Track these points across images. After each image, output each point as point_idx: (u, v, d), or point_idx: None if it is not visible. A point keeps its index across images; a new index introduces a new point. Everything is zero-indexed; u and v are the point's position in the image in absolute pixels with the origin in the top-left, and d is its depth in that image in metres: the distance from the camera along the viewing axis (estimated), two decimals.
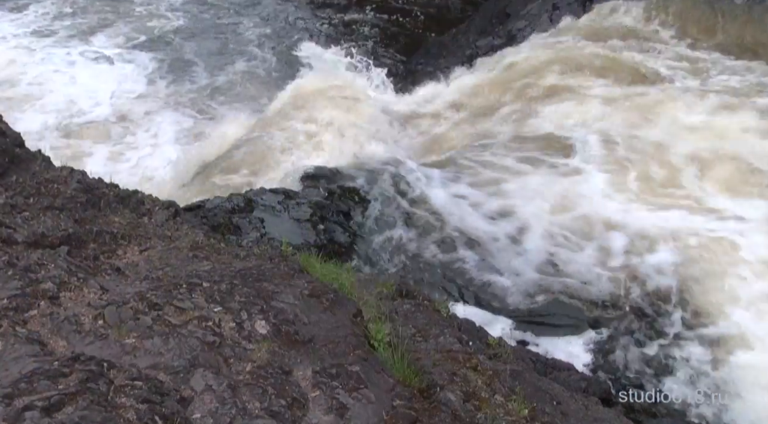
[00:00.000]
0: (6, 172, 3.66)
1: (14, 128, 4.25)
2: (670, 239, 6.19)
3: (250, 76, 14.71)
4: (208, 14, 17.83)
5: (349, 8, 18.45)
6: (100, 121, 12.68)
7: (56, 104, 12.93)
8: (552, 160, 7.26)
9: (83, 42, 15.79)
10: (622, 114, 8.01)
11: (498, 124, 8.15)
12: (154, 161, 11.23)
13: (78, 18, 16.86)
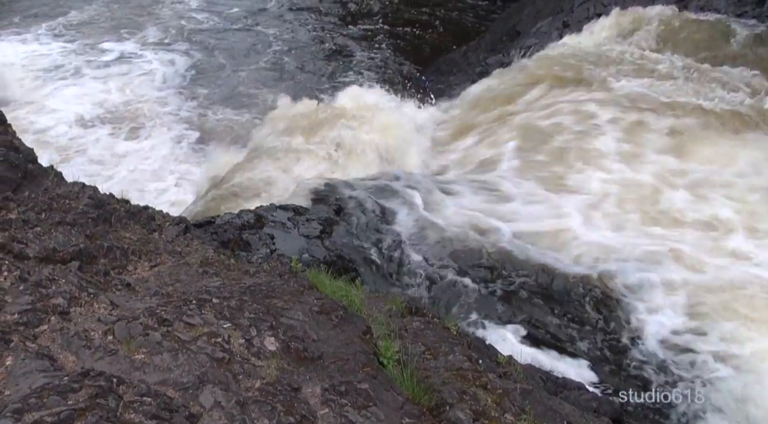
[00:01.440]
0: (19, 188, 3.68)
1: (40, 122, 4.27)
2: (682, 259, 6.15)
3: (260, 86, 15.05)
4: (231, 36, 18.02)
5: (363, 20, 18.74)
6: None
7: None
8: (564, 179, 7.23)
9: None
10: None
11: (506, 142, 8.13)
12: (164, 172, 11.37)
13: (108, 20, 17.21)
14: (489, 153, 8.25)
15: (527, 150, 7.94)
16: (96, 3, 19.70)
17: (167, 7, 19.76)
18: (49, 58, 15.72)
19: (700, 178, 7.17)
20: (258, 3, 20.55)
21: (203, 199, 9.10)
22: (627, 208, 6.83)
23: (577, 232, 6.45)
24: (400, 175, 7.37)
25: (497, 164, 7.76)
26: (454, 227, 6.47)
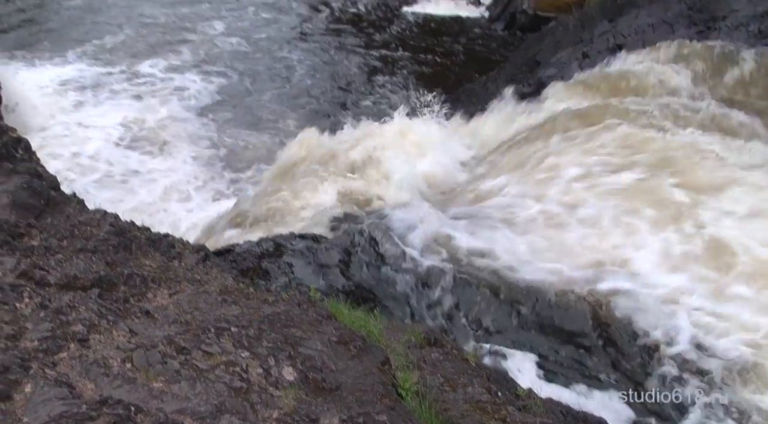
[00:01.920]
0: (42, 215, 3.72)
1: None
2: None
3: (284, 110, 15.42)
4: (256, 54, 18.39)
5: (385, 48, 19.13)
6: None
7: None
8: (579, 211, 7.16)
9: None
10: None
11: (526, 174, 8.10)
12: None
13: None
14: (506, 179, 8.24)
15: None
16: (126, 29, 20.44)
17: (196, 33, 20.44)
18: (79, 81, 16.17)
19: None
20: (283, 30, 21.15)
21: (223, 225, 9.16)
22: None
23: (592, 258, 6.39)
24: (419, 204, 7.38)
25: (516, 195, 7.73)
26: (471, 253, 6.45)
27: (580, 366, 5.45)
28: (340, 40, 20.22)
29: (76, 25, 20.73)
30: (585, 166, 7.69)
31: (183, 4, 23.43)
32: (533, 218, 7.01)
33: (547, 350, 5.56)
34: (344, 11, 23.15)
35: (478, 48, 19.45)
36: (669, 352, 5.39)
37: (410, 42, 19.93)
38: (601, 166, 7.65)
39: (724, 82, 9.39)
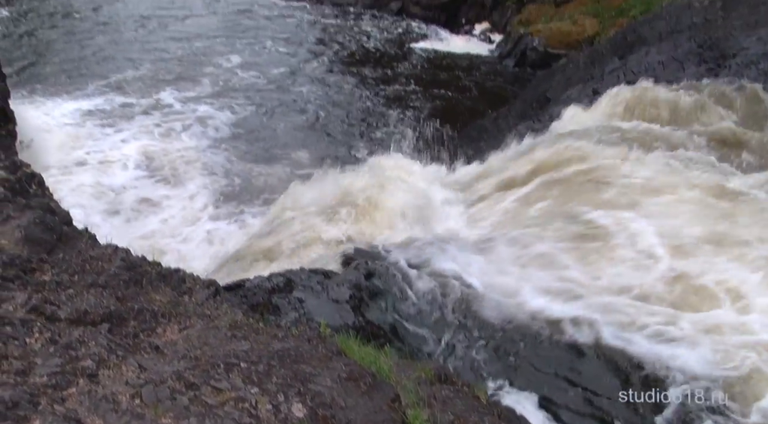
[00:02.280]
0: (54, 250, 3.73)
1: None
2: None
3: (297, 143, 15.57)
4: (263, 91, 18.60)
5: (397, 82, 19.41)
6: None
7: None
8: (594, 246, 7.12)
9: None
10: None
11: (540, 210, 8.09)
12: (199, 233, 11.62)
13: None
14: (519, 215, 8.23)
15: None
16: (145, 63, 21.01)
17: (213, 66, 20.98)
18: (95, 114, 16.56)
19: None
20: (298, 64, 21.63)
21: (234, 259, 9.17)
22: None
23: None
24: (429, 239, 7.36)
25: (529, 229, 7.71)
26: (482, 290, 6.41)
27: (591, 408, 5.37)
28: (353, 74, 20.54)
29: (93, 60, 21.24)
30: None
31: (200, 39, 23.99)
32: (542, 254, 6.97)
33: (558, 389, 5.49)
34: (357, 47, 23.51)
35: (489, 84, 19.62)
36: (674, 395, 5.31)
37: (421, 77, 20.18)
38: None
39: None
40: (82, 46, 23.02)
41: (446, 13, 26.02)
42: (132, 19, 26.76)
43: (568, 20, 20.52)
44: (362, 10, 28.39)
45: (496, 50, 22.60)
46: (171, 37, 24.45)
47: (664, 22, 12.11)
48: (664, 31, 11.86)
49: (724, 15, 11.32)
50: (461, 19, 25.70)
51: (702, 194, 7.71)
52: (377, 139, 15.73)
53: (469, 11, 25.57)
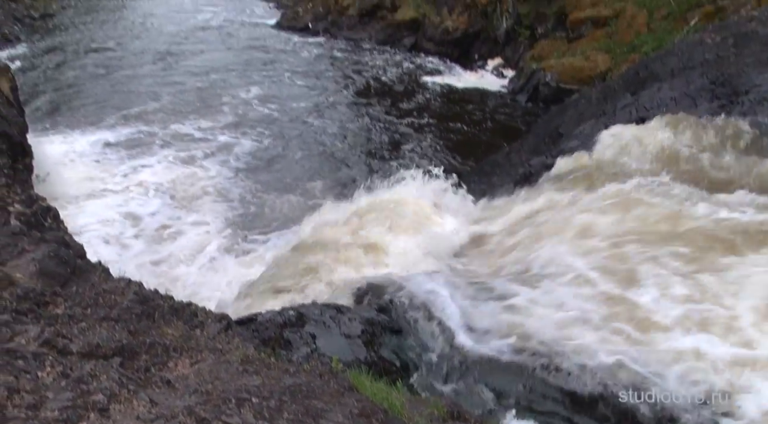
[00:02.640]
0: (67, 283, 3.75)
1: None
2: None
3: (312, 174, 15.78)
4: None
5: (412, 115, 19.64)
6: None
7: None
8: (610, 291, 7.01)
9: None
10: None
11: (554, 249, 8.03)
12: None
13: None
14: (531, 253, 8.18)
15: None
16: (164, 96, 21.39)
17: (231, 98, 21.38)
18: (113, 146, 16.89)
19: None
20: (315, 96, 22.01)
21: (246, 291, 9.17)
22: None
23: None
24: (441, 274, 7.35)
25: (542, 268, 7.66)
26: (495, 327, 6.36)
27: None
28: (368, 107, 20.78)
29: (111, 94, 21.66)
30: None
31: (217, 72, 24.41)
32: (551, 291, 6.91)
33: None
34: (372, 80, 23.77)
35: (501, 118, 19.72)
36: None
37: (435, 111, 20.34)
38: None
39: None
40: (100, 80, 23.42)
41: (459, 48, 26.22)
42: (149, 54, 27.17)
43: (581, 56, 20.63)
44: (376, 45, 28.68)
45: (508, 85, 22.72)
46: (188, 70, 24.84)
47: (676, 59, 12.15)
48: (677, 68, 11.89)
49: (736, 52, 11.34)
50: (474, 54, 25.89)
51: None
52: (390, 170, 15.79)
53: (481, 47, 25.76)
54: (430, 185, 11.27)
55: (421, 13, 28.20)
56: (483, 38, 25.72)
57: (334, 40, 29.99)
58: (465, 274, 7.97)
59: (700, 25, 17.83)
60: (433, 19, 27.51)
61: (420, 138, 18.04)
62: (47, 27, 32.41)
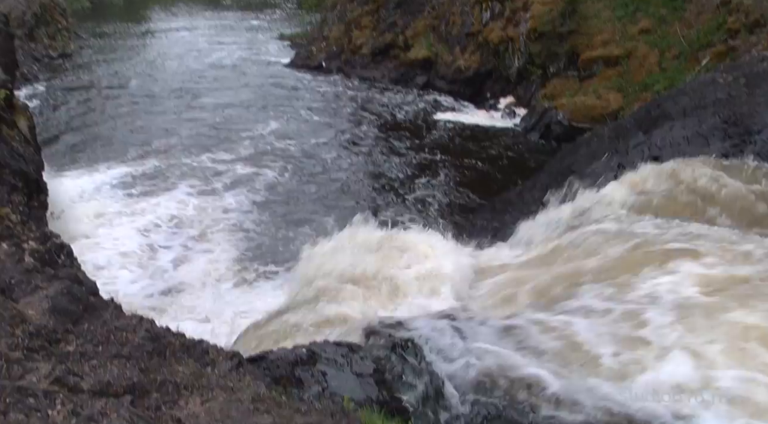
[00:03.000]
0: (79, 320, 3.76)
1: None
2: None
3: (324, 210, 15.98)
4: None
5: (427, 151, 19.83)
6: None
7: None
8: (622, 332, 6.92)
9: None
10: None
11: (566, 289, 7.99)
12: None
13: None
14: (544, 292, 8.13)
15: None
16: (179, 133, 21.78)
17: (247, 132, 21.82)
18: (128, 181, 17.24)
19: None
20: (327, 132, 22.31)
21: (256, 328, 9.15)
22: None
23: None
24: (454, 315, 7.30)
25: (556, 307, 7.60)
26: (505, 365, 6.30)
27: None
28: (382, 143, 21.01)
29: (128, 131, 22.09)
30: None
31: (233, 108, 24.89)
32: (566, 335, 6.83)
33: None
34: (385, 118, 24.04)
35: (513, 156, 19.78)
36: None
37: (447, 148, 20.48)
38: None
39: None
40: (116, 117, 23.76)
41: (471, 87, 26.40)
42: (166, 92, 27.57)
43: (592, 94, 20.72)
44: (389, 84, 28.93)
45: (520, 123, 22.80)
46: (204, 107, 25.23)
47: (688, 98, 12.17)
48: (689, 107, 11.90)
49: (748, 91, 11.36)
50: (486, 93, 26.04)
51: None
52: (403, 206, 15.95)
53: (493, 85, 25.92)
54: (442, 221, 11.29)
55: (434, 52, 28.47)
56: (495, 77, 25.89)
57: (348, 78, 30.30)
58: (477, 314, 7.92)
59: (711, 64, 17.90)
60: (445, 58, 27.75)
61: (433, 174, 18.13)
62: (65, 66, 32.97)
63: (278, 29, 44.92)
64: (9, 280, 3.98)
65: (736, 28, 18.38)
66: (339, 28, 33.28)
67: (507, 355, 6.44)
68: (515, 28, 24.61)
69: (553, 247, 9.42)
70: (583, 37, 22.30)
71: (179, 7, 60.68)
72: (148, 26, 48.73)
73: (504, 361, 6.33)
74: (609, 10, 22.73)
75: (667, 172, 10.02)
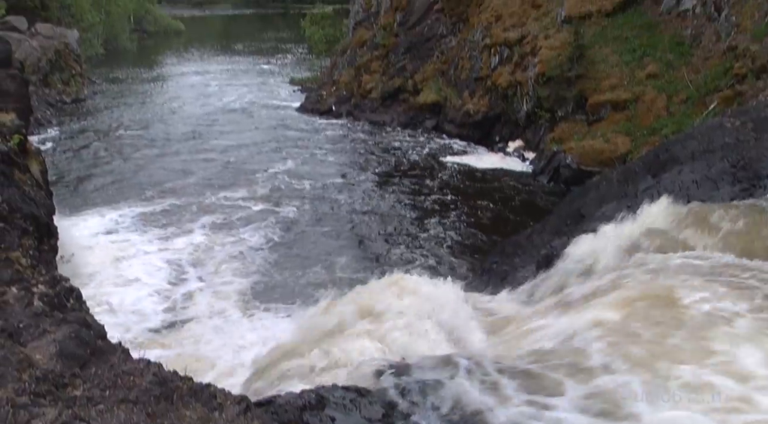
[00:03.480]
0: (87, 364, 3.76)
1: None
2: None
3: (336, 251, 15.99)
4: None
5: (436, 193, 20.02)
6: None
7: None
8: None
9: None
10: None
11: (573, 334, 7.91)
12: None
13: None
14: (552, 336, 8.05)
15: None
16: (191, 174, 22.22)
17: (258, 174, 22.24)
18: (140, 222, 17.50)
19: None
20: (338, 174, 22.73)
21: (264, 373, 9.10)
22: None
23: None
24: (461, 360, 7.24)
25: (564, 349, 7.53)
26: (515, 412, 6.22)
27: None
28: (393, 186, 21.22)
29: (139, 174, 22.47)
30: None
31: (245, 150, 25.51)
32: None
33: None
34: (396, 160, 24.30)
35: (523, 199, 19.83)
36: None
37: (456, 191, 20.62)
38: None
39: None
40: (128, 160, 24.03)
41: (480, 130, 26.57)
42: (178, 135, 27.93)
43: (601, 138, 20.81)
44: (398, 127, 29.18)
45: (529, 167, 22.90)
46: (216, 149, 25.56)
47: (696, 142, 12.20)
48: (697, 151, 11.93)
49: (756, 136, 11.39)
50: (495, 136, 26.20)
51: None
52: (413, 247, 16.01)
53: (502, 129, 26.09)
54: (452, 263, 11.25)
55: (443, 96, 28.74)
56: (504, 120, 26.08)
57: (358, 122, 30.58)
58: (484, 359, 7.85)
59: (719, 109, 17.99)
60: (454, 102, 28.00)
61: (442, 216, 18.22)
62: (79, 111, 33.44)
63: (289, 74, 45.50)
64: (17, 324, 3.99)
65: (743, 74, 18.50)
66: (349, 72, 33.67)
67: (513, 408, 6.38)
68: (524, 72, 24.85)
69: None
70: (591, 82, 22.48)
71: (191, 52, 61.62)
72: (160, 71, 49.47)
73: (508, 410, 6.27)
74: (616, 55, 22.94)
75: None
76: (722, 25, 20.78)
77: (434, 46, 30.55)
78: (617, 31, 23.81)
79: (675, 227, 9.85)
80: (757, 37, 18.85)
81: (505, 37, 26.29)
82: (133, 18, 69.46)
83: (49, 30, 36.92)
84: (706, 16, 21.68)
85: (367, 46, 33.53)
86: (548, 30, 25.01)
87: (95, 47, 49.95)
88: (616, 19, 24.32)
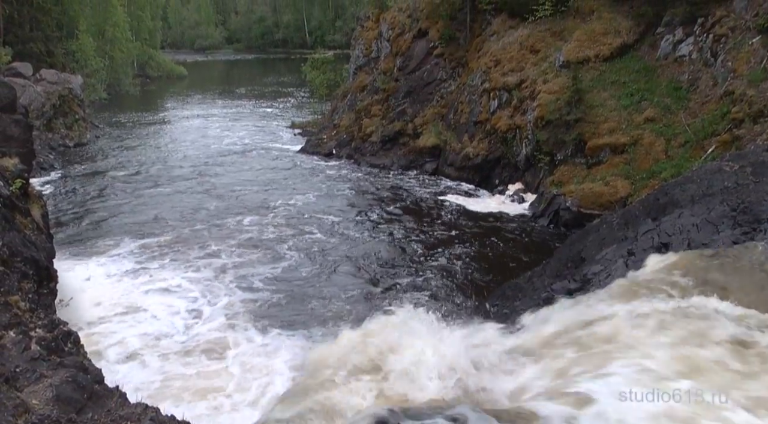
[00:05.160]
0: (83, 409, 3.71)
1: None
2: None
3: (336, 294, 16.10)
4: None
5: (431, 238, 20.06)
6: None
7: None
8: None
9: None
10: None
11: (576, 375, 7.87)
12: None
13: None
14: (553, 381, 8.00)
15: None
16: (192, 217, 22.38)
17: (258, 215, 22.57)
18: (136, 269, 17.42)
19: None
20: (340, 214, 23.12)
21: (264, 417, 9.04)
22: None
23: None
24: (460, 404, 7.18)
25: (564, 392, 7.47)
26: None
27: None
28: (393, 226, 21.41)
29: (138, 216, 22.81)
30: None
31: (247, 189, 26.13)
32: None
33: None
34: (397, 202, 24.41)
35: (523, 242, 19.84)
36: None
37: (456, 234, 20.66)
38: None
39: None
40: (129, 202, 24.17)
41: (480, 173, 26.69)
42: (180, 178, 28.14)
43: (600, 182, 20.87)
44: (398, 170, 29.34)
45: (529, 210, 22.93)
46: (216, 190, 25.80)
47: (696, 185, 12.26)
48: (696, 194, 11.97)
49: (755, 180, 11.44)
50: (494, 179, 26.30)
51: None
52: (413, 289, 16.02)
53: (502, 172, 26.20)
54: (452, 307, 11.18)
55: (443, 140, 28.91)
56: (503, 164, 26.20)
57: (358, 165, 30.75)
58: (482, 400, 7.80)
59: (717, 153, 18.08)
60: (454, 145, 28.16)
61: (442, 257, 18.25)
62: (81, 155, 33.71)
63: (290, 117, 45.86)
64: (14, 368, 3.95)
65: (740, 118, 18.64)
66: (349, 116, 33.91)
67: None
68: (523, 116, 25.03)
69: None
70: (590, 125, 22.61)
71: (193, 97, 62.23)
72: (163, 115, 49.91)
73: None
74: (615, 99, 23.12)
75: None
76: (718, 70, 21.00)
77: (434, 91, 30.84)
78: (615, 76, 24.04)
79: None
80: (754, 82, 19.03)
81: (504, 81, 26.55)
82: (136, 63, 70.39)
83: (53, 76, 37.36)
84: (703, 62, 21.93)
85: (368, 90, 33.85)
86: (547, 74, 25.26)
87: (98, 92, 50.45)
88: (613, 64, 24.58)
